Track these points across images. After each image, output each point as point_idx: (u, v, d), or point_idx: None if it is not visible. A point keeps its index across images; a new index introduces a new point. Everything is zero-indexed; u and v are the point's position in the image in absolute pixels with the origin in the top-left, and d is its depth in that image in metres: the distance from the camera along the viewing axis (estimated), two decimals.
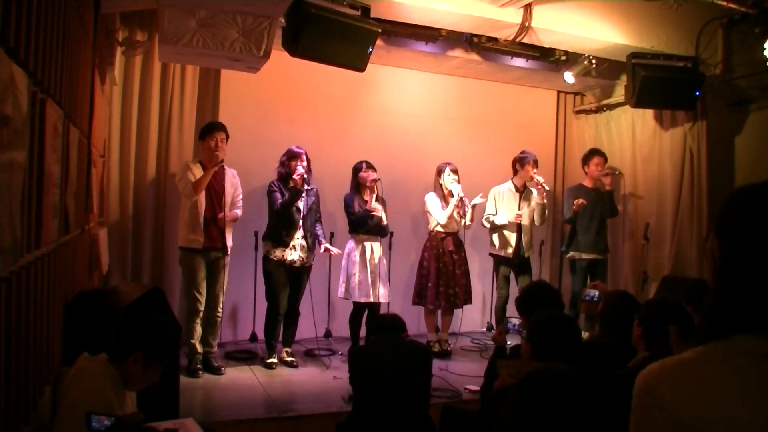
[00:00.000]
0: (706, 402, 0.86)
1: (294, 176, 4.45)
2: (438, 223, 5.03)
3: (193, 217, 4.23)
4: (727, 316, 0.90)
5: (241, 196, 4.53)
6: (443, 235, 5.06)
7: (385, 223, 4.81)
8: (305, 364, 4.68)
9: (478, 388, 3.93)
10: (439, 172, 5.11)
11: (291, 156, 4.55)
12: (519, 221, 5.17)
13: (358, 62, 4.08)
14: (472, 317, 6.03)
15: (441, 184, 5.09)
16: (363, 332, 4.93)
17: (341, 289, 4.84)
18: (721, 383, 0.87)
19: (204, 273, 4.28)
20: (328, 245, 4.71)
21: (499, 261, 5.31)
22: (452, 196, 4.98)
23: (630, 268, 5.77)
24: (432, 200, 5.08)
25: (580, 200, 5.19)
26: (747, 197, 0.93)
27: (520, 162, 5.26)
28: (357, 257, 4.76)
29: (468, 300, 5.16)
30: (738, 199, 0.94)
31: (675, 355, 0.95)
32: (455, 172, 5.05)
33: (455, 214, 4.99)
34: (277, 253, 4.50)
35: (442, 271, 5.01)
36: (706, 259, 0.97)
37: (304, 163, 4.51)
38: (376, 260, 4.81)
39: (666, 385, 0.91)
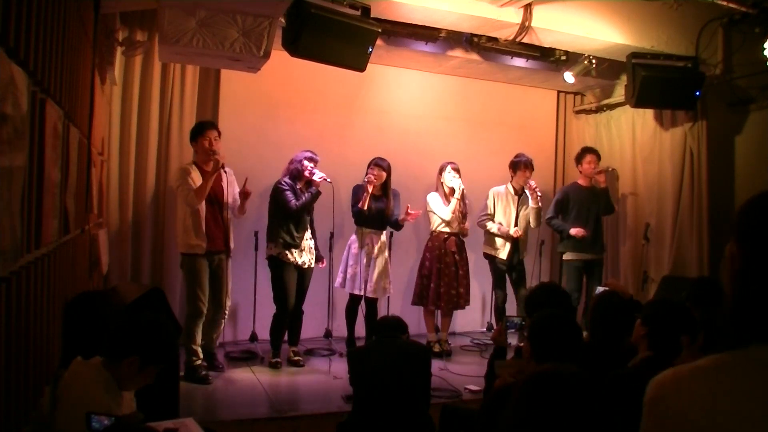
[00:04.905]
0: (719, 414, 0.84)
1: (315, 178, 4.48)
2: (442, 222, 5.04)
3: (195, 223, 4.14)
4: (747, 325, 0.88)
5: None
6: (446, 236, 5.06)
7: (394, 218, 4.87)
8: (305, 364, 4.67)
9: (479, 389, 3.94)
10: (441, 170, 5.12)
11: (309, 158, 4.55)
12: (516, 236, 5.17)
13: (358, 62, 4.08)
14: (472, 317, 6.02)
15: (442, 182, 5.10)
16: (362, 331, 4.95)
17: (339, 279, 4.94)
18: (736, 395, 0.85)
19: (207, 275, 4.24)
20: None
21: (493, 261, 5.33)
22: (453, 194, 4.99)
23: (630, 268, 5.76)
24: (434, 199, 5.10)
25: (581, 233, 5.17)
26: None
27: (513, 166, 5.29)
28: (356, 249, 4.83)
29: (468, 301, 5.17)
30: (762, 205, 0.91)
31: (688, 363, 0.92)
32: (457, 171, 5.05)
33: (458, 210, 5.00)
34: (290, 256, 4.49)
35: (443, 271, 5.01)
36: (725, 266, 0.95)
37: (316, 169, 4.54)
38: (375, 254, 4.84)
39: (680, 394, 0.89)
